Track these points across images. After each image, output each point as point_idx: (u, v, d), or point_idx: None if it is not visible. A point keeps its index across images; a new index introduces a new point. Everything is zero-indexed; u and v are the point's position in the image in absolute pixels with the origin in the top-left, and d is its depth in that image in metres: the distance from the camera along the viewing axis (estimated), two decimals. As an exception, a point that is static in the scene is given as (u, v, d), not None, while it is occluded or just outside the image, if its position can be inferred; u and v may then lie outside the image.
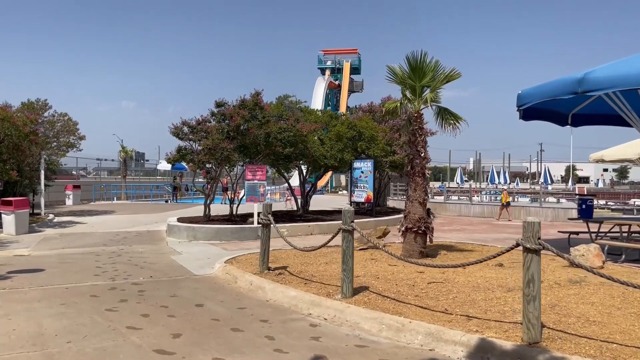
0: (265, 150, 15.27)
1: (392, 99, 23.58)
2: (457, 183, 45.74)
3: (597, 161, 27.72)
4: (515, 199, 29.97)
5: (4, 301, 6.93)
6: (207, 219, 15.90)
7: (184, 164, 30.54)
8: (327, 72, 79.92)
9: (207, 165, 16.27)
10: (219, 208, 19.89)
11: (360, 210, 21.10)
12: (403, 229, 9.59)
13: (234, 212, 16.85)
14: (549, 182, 50.07)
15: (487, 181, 55.50)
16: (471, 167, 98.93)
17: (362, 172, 18.86)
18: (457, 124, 9.37)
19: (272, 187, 40.88)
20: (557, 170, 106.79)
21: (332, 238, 7.20)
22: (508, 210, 23.20)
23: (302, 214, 18.78)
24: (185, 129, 15.05)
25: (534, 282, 4.64)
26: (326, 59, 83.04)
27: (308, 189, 20.19)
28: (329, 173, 41.76)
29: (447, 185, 44.35)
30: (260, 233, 8.42)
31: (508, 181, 47.76)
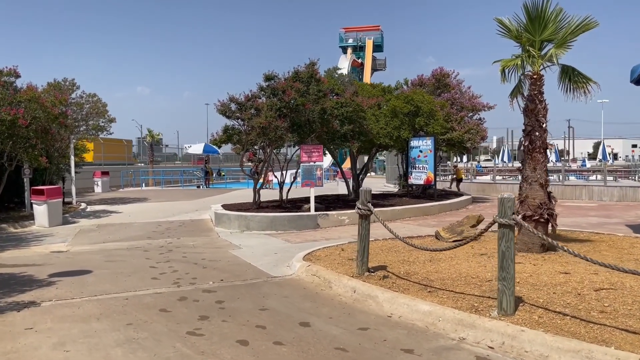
0: (320, 129, 13.59)
1: (425, 78, 21.67)
2: (504, 162, 43.53)
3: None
4: (573, 178, 27.82)
5: (55, 320, 5.42)
6: (257, 205, 14.35)
7: (215, 147, 29.03)
8: (349, 51, 77.56)
9: (256, 147, 14.69)
10: (263, 193, 18.33)
11: (412, 193, 19.44)
12: (520, 217, 7.86)
13: (284, 198, 15.28)
14: (607, 159, 47.05)
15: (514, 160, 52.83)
16: (494, 145, 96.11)
17: (421, 151, 17.11)
18: (587, 87, 7.58)
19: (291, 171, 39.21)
20: (585, 147, 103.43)
21: (487, 229, 5.55)
22: (458, 187, 23.48)
23: (354, 198, 17.12)
24: (233, 106, 13.41)
25: None
26: (347, 36, 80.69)
27: (358, 170, 18.49)
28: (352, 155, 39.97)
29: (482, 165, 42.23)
30: (360, 226, 6.79)
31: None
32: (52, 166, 18.26)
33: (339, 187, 23.50)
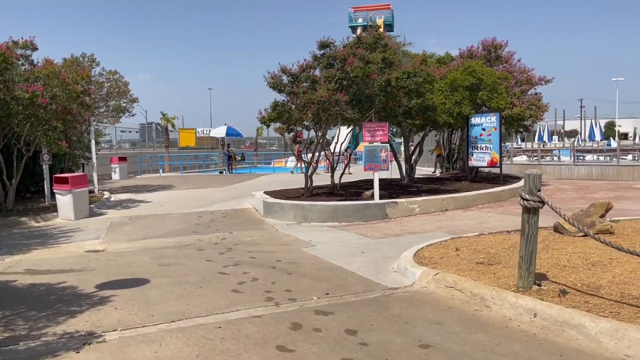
0: (383, 103, 11.78)
1: (474, 49, 19.66)
2: (542, 142, 41.50)
3: None
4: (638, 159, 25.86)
5: (134, 370, 3.72)
6: (310, 193, 12.61)
7: (237, 130, 27.29)
8: (359, 30, 75.11)
9: (303, 126, 12.90)
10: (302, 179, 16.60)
11: (459, 176, 17.69)
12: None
13: (336, 183, 13.52)
14: (595, 138, 44.67)
15: (534, 141, 50.44)
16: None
17: (484, 129, 15.28)
18: None
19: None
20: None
21: None
22: (438, 162, 23.07)
23: (409, 184, 15.37)
24: (285, 78, 11.58)
25: None
26: (357, 16, 78.26)
27: (411, 151, 16.68)
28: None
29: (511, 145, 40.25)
30: (525, 223, 5.02)
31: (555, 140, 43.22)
32: (72, 150, 16.57)
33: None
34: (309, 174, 12.74)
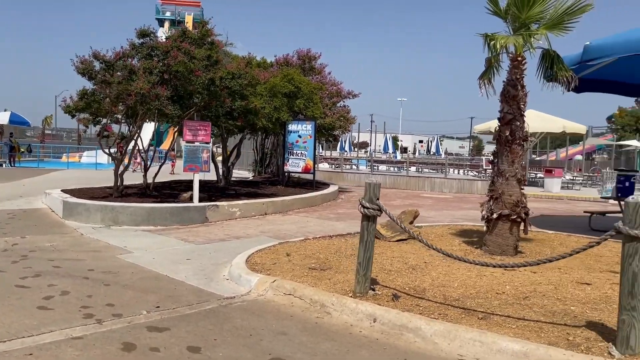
0: (206, 102, 11.34)
1: (290, 57, 20.35)
2: (343, 151, 44.38)
3: (483, 132, 28.19)
4: (420, 170, 29.05)
5: None
6: (120, 193, 11.49)
7: (24, 117, 24.03)
8: (167, 24, 72.36)
9: (115, 119, 11.77)
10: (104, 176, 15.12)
11: (273, 180, 18.08)
12: (495, 216, 7.06)
13: (149, 183, 12.58)
14: (388, 150, 50.43)
15: (335, 150, 54.52)
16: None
17: (300, 136, 15.75)
18: (569, 77, 7.02)
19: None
20: (380, 140, 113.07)
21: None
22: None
23: (227, 186, 15.10)
24: (98, 64, 10.36)
25: None
26: (165, 9, 75.36)
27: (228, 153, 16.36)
28: (172, 134, 34.96)
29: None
30: (364, 230, 5.14)
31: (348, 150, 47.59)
32: None
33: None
34: (119, 172, 11.60)
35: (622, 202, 4.49)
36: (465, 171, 28.01)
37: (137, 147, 12.12)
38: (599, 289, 5.46)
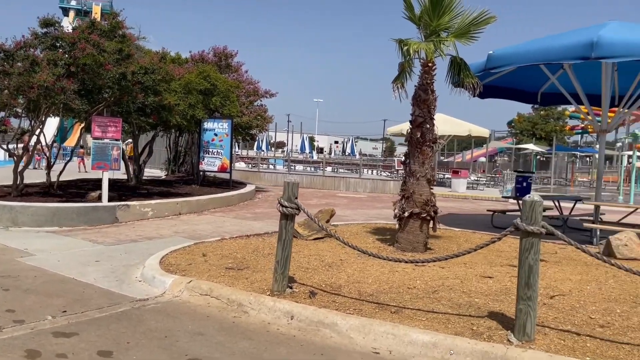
0: (117, 97, 10.88)
1: (206, 54, 20.01)
2: (260, 151, 43.96)
3: (396, 134, 29.20)
4: (336, 170, 29.47)
5: None
6: (20, 192, 10.72)
7: None
8: (72, 14, 68.84)
9: (14, 112, 10.99)
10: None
11: (187, 179, 17.71)
12: (406, 214, 7.37)
13: (53, 182, 11.85)
14: (305, 150, 51.23)
15: (252, 149, 54.10)
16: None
17: (216, 134, 15.51)
18: (475, 84, 7.48)
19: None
20: (297, 140, 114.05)
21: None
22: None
23: (138, 185, 14.54)
24: (-5, 53, 9.60)
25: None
26: (70, -3, 71.50)
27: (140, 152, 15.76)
28: (78, 130, 32.60)
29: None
30: (282, 229, 5.17)
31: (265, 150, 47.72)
32: None
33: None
34: (18, 169, 10.82)
35: (520, 201, 4.88)
36: (379, 171, 28.91)
37: (39, 144, 11.35)
38: (500, 282, 5.88)
